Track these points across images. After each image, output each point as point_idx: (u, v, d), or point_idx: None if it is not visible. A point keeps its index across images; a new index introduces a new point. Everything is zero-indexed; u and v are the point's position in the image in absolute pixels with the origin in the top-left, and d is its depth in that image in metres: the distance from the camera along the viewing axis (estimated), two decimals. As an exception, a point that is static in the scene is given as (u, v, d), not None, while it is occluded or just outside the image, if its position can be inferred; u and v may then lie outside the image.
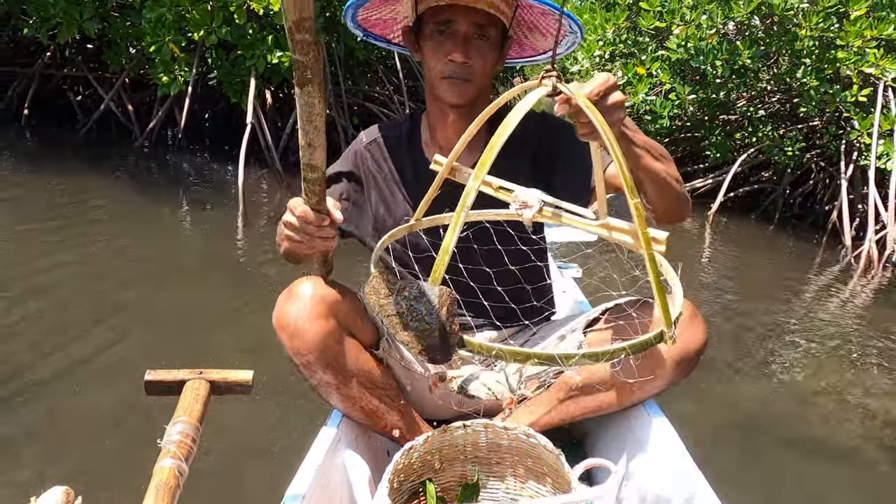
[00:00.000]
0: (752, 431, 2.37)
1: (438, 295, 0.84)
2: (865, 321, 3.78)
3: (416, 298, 0.85)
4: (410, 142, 1.52)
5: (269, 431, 2.02)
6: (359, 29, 1.50)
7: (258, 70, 5.64)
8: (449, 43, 1.33)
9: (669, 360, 1.33)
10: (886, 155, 5.16)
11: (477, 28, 1.32)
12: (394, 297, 0.87)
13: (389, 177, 1.52)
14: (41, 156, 5.58)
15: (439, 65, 1.35)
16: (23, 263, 3.23)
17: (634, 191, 0.94)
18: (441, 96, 1.39)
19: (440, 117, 1.45)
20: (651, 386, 1.37)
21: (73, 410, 2.04)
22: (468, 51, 1.33)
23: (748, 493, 1.97)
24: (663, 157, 1.25)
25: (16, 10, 5.90)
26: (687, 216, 1.35)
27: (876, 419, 2.56)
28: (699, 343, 1.34)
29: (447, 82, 1.36)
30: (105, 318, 2.71)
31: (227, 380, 1.30)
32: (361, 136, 1.57)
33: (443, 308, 0.84)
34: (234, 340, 2.61)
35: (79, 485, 1.10)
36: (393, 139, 1.53)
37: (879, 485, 2.16)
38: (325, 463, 1.23)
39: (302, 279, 1.29)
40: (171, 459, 1.12)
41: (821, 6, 5.11)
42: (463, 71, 1.34)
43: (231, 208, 4.74)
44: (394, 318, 0.86)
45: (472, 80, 1.36)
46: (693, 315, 1.34)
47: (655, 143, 1.25)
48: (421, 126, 1.53)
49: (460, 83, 1.35)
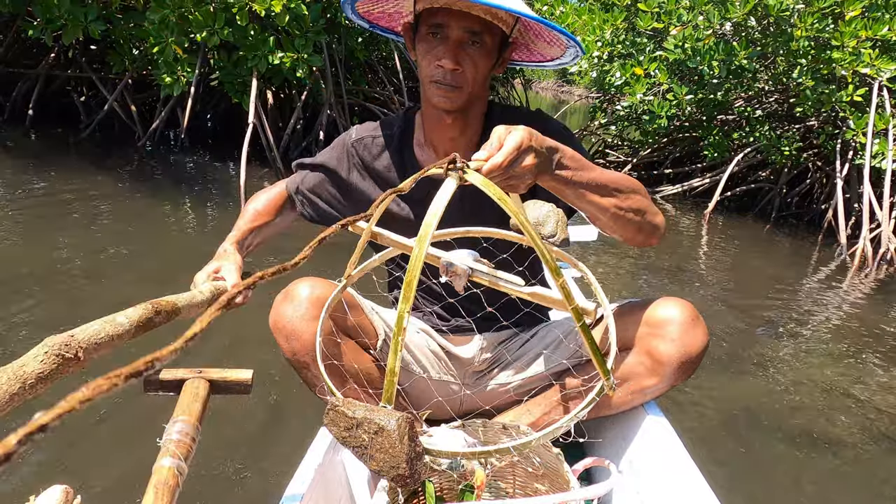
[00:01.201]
0: (751, 429, 2.36)
1: (397, 426, 0.82)
2: (861, 318, 3.76)
3: (377, 433, 0.84)
4: (401, 141, 1.48)
5: (269, 431, 2.00)
6: (363, 20, 1.45)
7: (260, 71, 5.63)
8: (441, 48, 1.28)
9: (671, 363, 1.31)
10: (881, 154, 5.16)
11: (471, 34, 1.27)
12: (353, 430, 0.86)
13: (375, 175, 1.49)
14: (45, 155, 5.56)
15: (429, 68, 1.30)
16: (25, 261, 3.21)
17: (557, 271, 0.93)
18: (431, 100, 1.35)
19: (434, 119, 1.41)
20: (652, 388, 1.36)
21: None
22: (459, 57, 1.27)
23: (748, 492, 1.96)
24: (619, 192, 1.22)
25: (21, 11, 5.88)
26: (654, 243, 1.34)
27: (874, 413, 2.55)
28: (700, 346, 1.32)
29: (437, 87, 1.31)
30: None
31: (227, 379, 1.28)
32: (351, 132, 1.53)
33: (403, 438, 0.83)
34: (235, 339, 2.59)
35: (78, 484, 1.09)
36: (384, 138, 1.49)
37: (877, 476, 2.15)
38: (324, 463, 1.21)
39: (299, 281, 1.28)
40: (171, 458, 1.10)
41: (816, 7, 5.10)
42: (453, 77, 1.29)
43: (233, 207, 4.73)
44: (359, 449, 0.85)
45: (463, 86, 1.30)
46: (695, 318, 1.32)
47: (612, 177, 1.23)
48: (415, 125, 1.49)
49: (449, 89, 1.30)
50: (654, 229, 1.30)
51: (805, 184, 6.54)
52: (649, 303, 1.36)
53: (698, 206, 6.36)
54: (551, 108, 19.73)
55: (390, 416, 0.83)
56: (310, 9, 5.57)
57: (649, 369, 1.33)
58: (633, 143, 7.88)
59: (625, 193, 1.24)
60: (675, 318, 1.31)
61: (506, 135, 1.03)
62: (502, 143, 1.02)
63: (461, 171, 0.93)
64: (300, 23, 5.61)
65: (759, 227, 6.01)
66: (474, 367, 1.54)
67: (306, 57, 5.65)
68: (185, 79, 5.59)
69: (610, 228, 1.29)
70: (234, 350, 2.51)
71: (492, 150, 1.01)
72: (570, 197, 1.19)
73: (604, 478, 1.11)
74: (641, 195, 1.28)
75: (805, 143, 6.36)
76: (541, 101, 22.51)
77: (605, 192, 1.21)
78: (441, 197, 0.92)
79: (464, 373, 1.54)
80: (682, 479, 1.23)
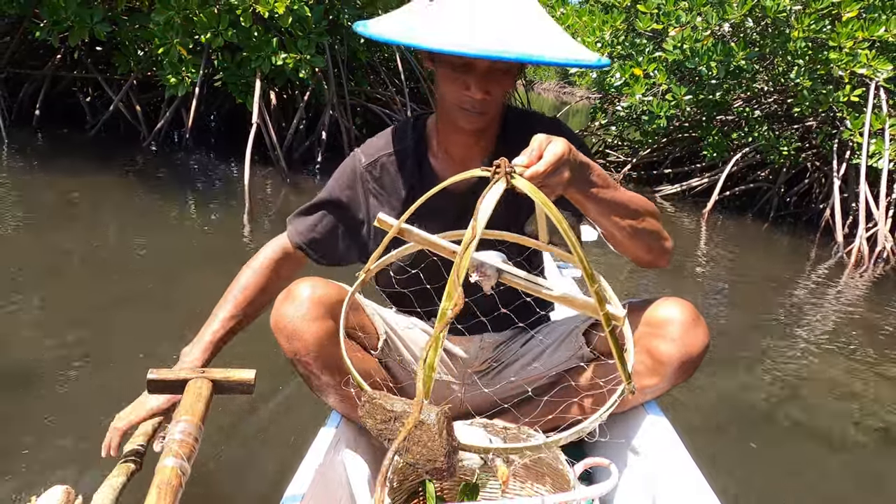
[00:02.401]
0: (751, 428, 2.34)
1: (437, 420, 0.82)
2: (857, 315, 3.75)
3: (415, 427, 0.83)
4: (417, 153, 1.39)
5: (269, 431, 1.98)
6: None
7: (263, 71, 5.62)
8: (468, 77, 1.18)
9: (671, 363, 1.30)
10: (878, 153, 5.13)
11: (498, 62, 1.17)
12: (390, 423, 0.85)
13: (395, 194, 1.39)
14: (52, 155, 5.55)
15: (455, 95, 1.22)
16: (32, 258, 3.20)
17: (593, 277, 0.95)
18: (456, 122, 1.28)
19: (451, 130, 1.34)
20: (652, 388, 1.34)
21: (75, 409, 2.00)
22: (488, 85, 1.19)
23: (749, 491, 1.94)
24: (636, 213, 1.24)
25: (28, 13, 5.87)
26: (662, 264, 1.35)
27: (871, 409, 2.54)
28: (701, 346, 1.30)
29: (462, 112, 1.23)
30: (110, 315, 2.68)
31: (230, 379, 1.27)
32: (359, 156, 1.41)
33: (443, 432, 0.82)
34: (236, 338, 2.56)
35: (79, 484, 1.08)
36: (399, 153, 1.39)
37: (876, 472, 2.13)
38: (324, 463, 1.20)
39: (300, 281, 1.26)
40: (174, 458, 1.09)
41: (813, 8, 5.07)
42: (482, 105, 1.21)
43: (237, 205, 4.73)
44: (395, 441, 0.83)
45: (489, 111, 1.25)
46: (696, 318, 1.30)
47: (631, 198, 1.24)
48: (428, 133, 1.40)
49: (476, 115, 1.23)
50: (663, 252, 1.33)
51: (804, 183, 6.51)
52: (650, 303, 1.35)
53: (697, 205, 6.35)
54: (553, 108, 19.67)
55: (430, 410, 0.82)
56: (312, 10, 5.56)
57: (650, 369, 1.31)
58: (633, 143, 7.86)
59: (641, 215, 1.25)
60: (675, 318, 1.29)
61: (546, 144, 1.03)
62: (542, 151, 1.01)
63: (509, 176, 0.94)
64: (303, 24, 5.60)
65: (758, 226, 6.00)
66: (475, 367, 1.52)
67: (309, 58, 5.64)
68: (190, 79, 5.58)
69: (622, 246, 1.30)
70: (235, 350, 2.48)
71: (531, 157, 1.00)
72: (592, 212, 1.20)
73: (604, 478, 1.10)
74: (655, 218, 1.29)
75: (804, 144, 6.33)
76: (543, 102, 22.40)
77: (625, 212, 1.22)
78: (489, 199, 0.92)
79: (464, 373, 1.52)
80: (682, 479, 1.22)
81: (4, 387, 2.09)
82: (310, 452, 1.22)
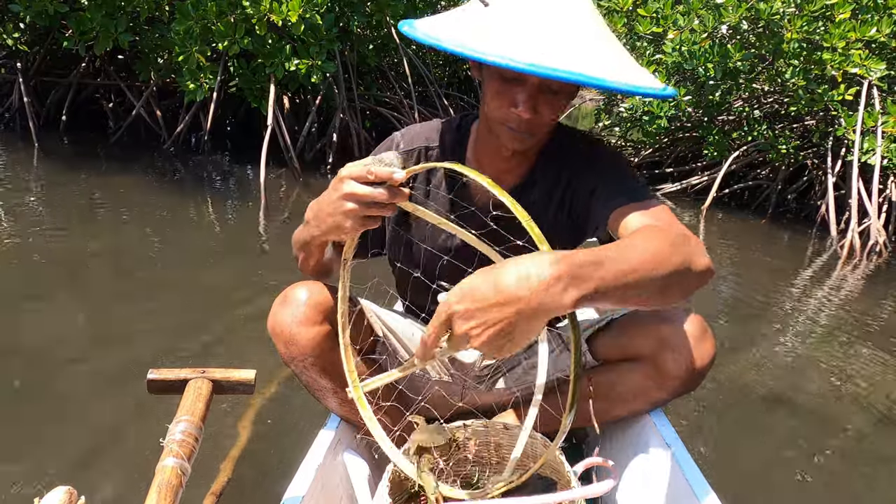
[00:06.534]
0: (751, 426, 2.26)
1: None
2: (852, 307, 3.67)
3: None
4: (453, 156, 1.26)
5: (269, 431, 1.92)
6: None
7: (277, 77, 5.62)
8: (517, 93, 1.03)
9: (679, 377, 1.22)
10: (871, 150, 5.07)
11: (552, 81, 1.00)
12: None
13: (421, 190, 1.27)
14: (78, 158, 5.59)
15: (501, 111, 1.07)
16: (59, 257, 3.19)
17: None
18: (499, 138, 1.14)
19: (490, 146, 1.22)
20: (657, 400, 1.28)
21: (76, 409, 1.94)
22: (538, 104, 1.04)
23: (749, 491, 1.85)
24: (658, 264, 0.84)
25: (56, 24, 5.92)
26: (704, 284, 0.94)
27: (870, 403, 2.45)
28: (708, 360, 1.23)
29: (509, 131, 1.10)
30: (129, 310, 2.64)
31: (230, 379, 1.22)
32: (398, 141, 1.27)
33: None
34: (237, 338, 2.50)
35: (82, 484, 1.04)
36: (436, 151, 1.26)
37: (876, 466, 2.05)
38: (324, 463, 1.15)
39: (296, 285, 1.20)
40: (174, 458, 1.04)
41: (806, 10, 5.01)
42: (528, 126, 1.07)
43: (253, 204, 4.73)
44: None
45: (537, 133, 1.10)
46: (703, 332, 1.23)
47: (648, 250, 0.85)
48: (468, 139, 1.27)
49: (522, 135, 1.09)
50: (701, 280, 0.92)
51: (803, 181, 6.42)
52: (657, 314, 1.26)
53: (698, 202, 6.28)
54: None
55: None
56: (324, 18, 5.55)
57: (657, 383, 1.25)
58: (636, 143, 7.79)
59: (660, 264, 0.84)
60: (683, 331, 1.22)
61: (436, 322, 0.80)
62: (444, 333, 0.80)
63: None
64: (315, 32, 5.59)
65: (757, 222, 5.92)
66: (475, 371, 1.46)
67: (320, 64, 5.63)
68: (208, 85, 5.58)
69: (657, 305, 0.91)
70: (235, 349, 2.42)
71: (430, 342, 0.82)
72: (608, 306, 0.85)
73: (604, 478, 1.04)
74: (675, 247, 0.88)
75: (804, 142, 6.26)
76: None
77: (637, 277, 0.82)
78: None
79: (464, 375, 1.46)
80: (682, 479, 1.16)
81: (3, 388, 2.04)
82: (310, 453, 1.17)
